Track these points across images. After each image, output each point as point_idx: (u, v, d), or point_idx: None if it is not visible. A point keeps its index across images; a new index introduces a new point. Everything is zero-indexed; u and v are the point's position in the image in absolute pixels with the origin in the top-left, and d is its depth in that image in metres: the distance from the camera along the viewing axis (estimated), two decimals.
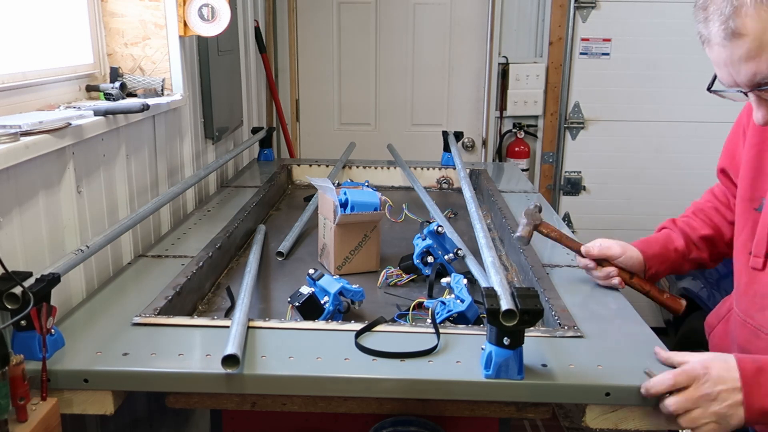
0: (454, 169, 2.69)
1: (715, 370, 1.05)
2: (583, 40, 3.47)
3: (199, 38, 2.23)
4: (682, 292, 2.48)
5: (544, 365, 1.13)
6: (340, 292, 1.40)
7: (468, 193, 2.02)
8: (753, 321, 1.22)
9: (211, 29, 1.99)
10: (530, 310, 1.04)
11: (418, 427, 1.22)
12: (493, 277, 1.27)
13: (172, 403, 1.18)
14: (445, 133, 2.73)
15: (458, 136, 2.75)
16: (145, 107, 1.61)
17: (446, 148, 2.72)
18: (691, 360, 1.08)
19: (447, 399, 1.15)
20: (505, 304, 1.05)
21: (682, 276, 2.51)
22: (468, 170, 2.69)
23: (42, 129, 1.28)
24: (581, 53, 3.49)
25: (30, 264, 1.27)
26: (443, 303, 1.39)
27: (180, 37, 1.93)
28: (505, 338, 1.06)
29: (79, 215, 1.49)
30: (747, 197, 1.26)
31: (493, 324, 1.06)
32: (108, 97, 1.73)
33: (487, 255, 1.43)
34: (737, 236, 1.29)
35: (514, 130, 3.63)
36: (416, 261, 1.65)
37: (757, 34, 0.99)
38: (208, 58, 2.29)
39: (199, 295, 1.57)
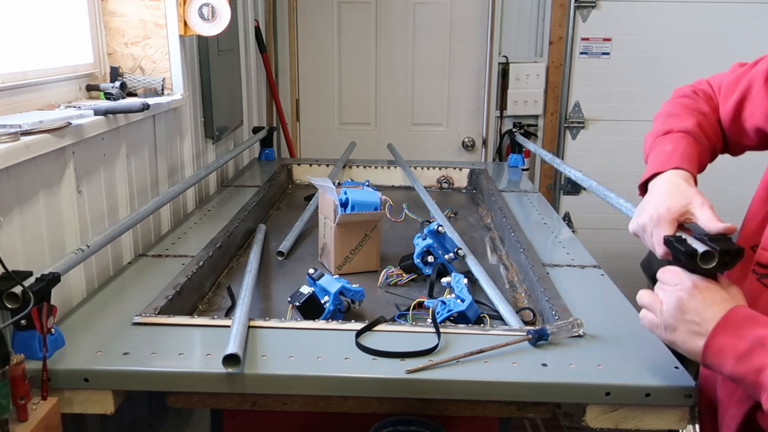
0: (455, 168, 2.70)
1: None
2: (583, 39, 3.47)
3: (200, 38, 2.23)
4: None
5: (545, 365, 1.13)
6: (341, 292, 1.40)
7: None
8: None
9: (211, 29, 1.99)
10: (730, 250, 0.91)
11: (419, 426, 1.21)
12: None
13: (172, 402, 1.17)
14: (510, 133, 2.66)
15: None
16: (146, 107, 1.61)
17: (513, 149, 2.66)
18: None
19: (447, 399, 1.15)
20: (701, 247, 0.92)
21: None
22: (468, 170, 2.70)
23: (42, 128, 1.27)
24: (581, 53, 3.49)
25: (30, 263, 1.27)
26: (444, 302, 1.39)
27: (180, 36, 1.93)
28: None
29: (79, 215, 1.48)
30: None
31: (687, 268, 0.94)
32: (108, 96, 1.73)
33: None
34: (742, 227, 1.06)
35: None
36: (416, 260, 1.65)
37: None
38: (208, 58, 2.29)
39: (200, 294, 1.57)
